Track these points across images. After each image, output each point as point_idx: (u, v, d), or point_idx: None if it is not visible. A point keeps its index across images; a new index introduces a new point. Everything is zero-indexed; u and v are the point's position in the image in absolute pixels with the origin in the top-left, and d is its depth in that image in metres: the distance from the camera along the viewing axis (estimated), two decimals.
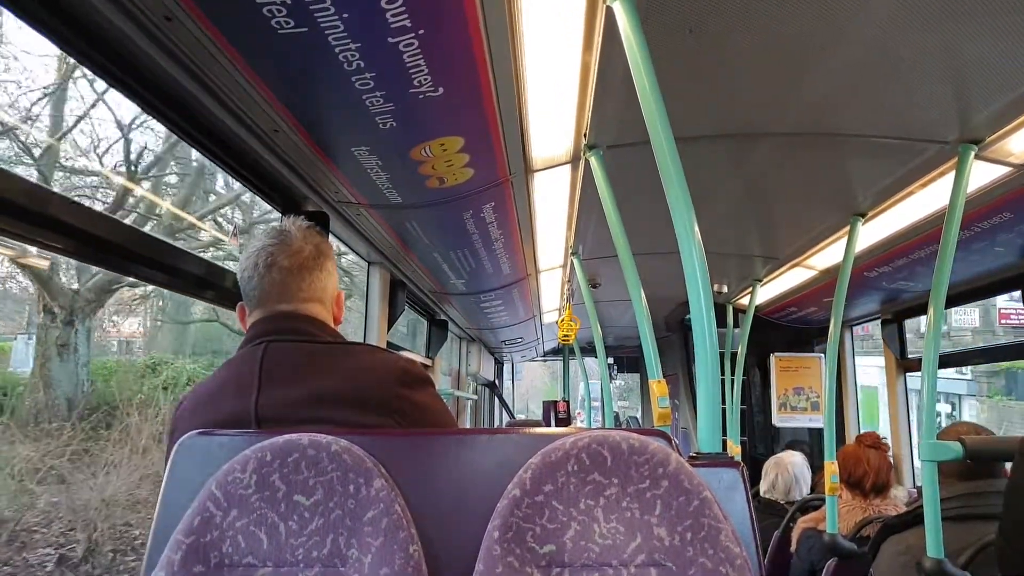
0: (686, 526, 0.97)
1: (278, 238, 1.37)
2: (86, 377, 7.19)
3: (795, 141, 2.20)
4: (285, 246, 1.36)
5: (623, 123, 1.96)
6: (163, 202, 8.11)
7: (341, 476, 1.02)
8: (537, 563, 0.97)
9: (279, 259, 1.35)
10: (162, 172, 8.56)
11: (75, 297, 7.03)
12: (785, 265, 3.80)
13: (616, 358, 9.20)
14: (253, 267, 1.35)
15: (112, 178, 7.51)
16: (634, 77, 1.43)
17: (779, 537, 3.10)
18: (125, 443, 6.11)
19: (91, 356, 7.41)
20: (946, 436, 1.93)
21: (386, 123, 1.65)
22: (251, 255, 1.36)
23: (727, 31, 1.59)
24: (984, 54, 1.61)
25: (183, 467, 1.13)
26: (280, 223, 1.43)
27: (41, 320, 6.99)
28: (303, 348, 1.29)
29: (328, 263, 1.42)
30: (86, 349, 7.24)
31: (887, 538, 2.02)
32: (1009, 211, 2.42)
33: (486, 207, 2.47)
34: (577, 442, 1.01)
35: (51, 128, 7.31)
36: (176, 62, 1.35)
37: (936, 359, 2.10)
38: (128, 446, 6.08)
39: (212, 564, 1.00)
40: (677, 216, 1.33)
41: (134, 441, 6.15)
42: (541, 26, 1.50)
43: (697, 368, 1.32)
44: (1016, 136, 1.97)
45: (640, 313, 2.03)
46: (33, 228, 1.23)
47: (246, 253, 1.39)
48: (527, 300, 4.65)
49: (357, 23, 1.26)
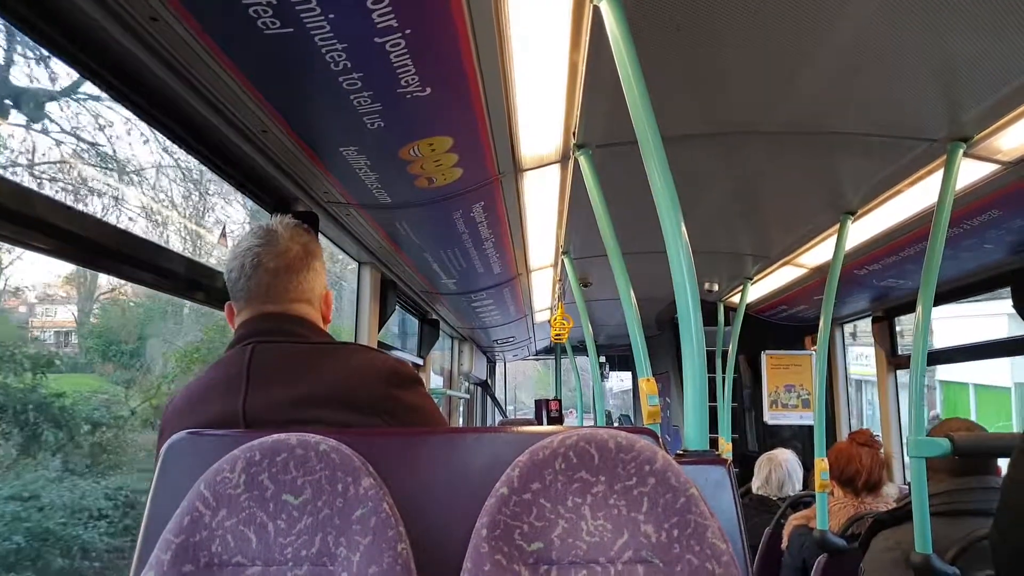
0: (673, 523, 0.97)
1: (264, 238, 1.37)
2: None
3: (784, 139, 2.21)
4: (271, 246, 1.36)
5: (612, 122, 1.97)
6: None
7: (329, 475, 1.02)
8: (525, 560, 0.97)
9: (265, 260, 1.34)
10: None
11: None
12: (775, 263, 3.81)
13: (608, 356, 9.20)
14: (240, 268, 1.35)
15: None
16: (621, 76, 1.44)
17: (770, 534, 3.11)
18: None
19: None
20: (936, 432, 1.94)
21: (374, 123, 1.65)
22: (237, 255, 1.36)
23: (715, 29, 1.59)
24: (972, 51, 1.62)
25: (172, 467, 1.13)
26: (267, 222, 1.43)
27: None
28: (290, 349, 1.28)
29: (316, 263, 1.41)
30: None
31: (877, 534, 2.03)
32: (997, 208, 2.43)
33: (476, 207, 2.47)
34: (565, 440, 1.02)
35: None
36: (162, 63, 1.34)
37: (925, 356, 2.11)
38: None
39: (202, 564, 1.00)
40: (664, 215, 1.34)
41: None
42: (528, 25, 1.50)
43: (684, 366, 1.33)
44: (1004, 133, 1.98)
45: (630, 312, 2.03)
46: (17, 229, 1.22)
47: (232, 253, 1.38)
48: (518, 299, 4.65)
49: (343, 23, 1.26)
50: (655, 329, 6.19)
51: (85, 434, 5.01)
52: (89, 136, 5.01)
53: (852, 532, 2.57)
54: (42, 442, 4.67)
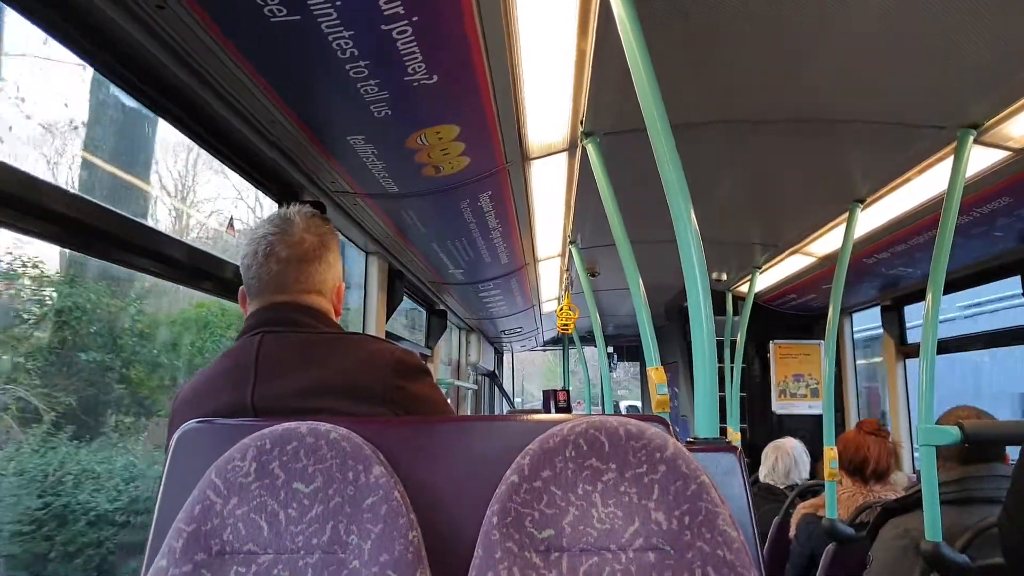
0: (684, 510, 0.97)
1: (279, 226, 1.36)
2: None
3: (793, 127, 2.19)
4: (286, 236, 1.35)
5: (620, 110, 1.96)
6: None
7: (340, 463, 1.02)
8: (536, 548, 0.97)
9: (278, 249, 1.33)
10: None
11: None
12: (784, 252, 3.80)
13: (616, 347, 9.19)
14: (253, 255, 1.34)
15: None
16: (630, 63, 1.43)
17: (779, 523, 3.10)
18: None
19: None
20: (946, 420, 1.93)
21: (381, 111, 1.64)
22: (252, 242, 1.35)
23: (724, 16, 1.58)
24: (982, 38, 1.60)
25: (183, 456, 1.14)
26: (284, 209, 1.42)
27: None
28: (299, 339, 1.28)
29: (330, 255, 1.40)
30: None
31: (886, 522, 2.02)
32: (1008, 196, 2.42)
33: (483, 196, 2.46)
34: (575, 428, 1.02)
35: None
36: (169, 51, 1.34)
37: (935, 345, 2.10)
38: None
39: (213, 552, 1.00)
40: (674, 204, 1.33)
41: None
42: (536, 12, 1.49)
43: (694, 355, 1.32)
44: (1015, 120, 1.96)
45: (639, 302, 2.02)
46: (24, 217, 1.22)
47: (248, 239, 1.37)
48: (526, 289, 4.65)
49: (350, 11, 1.25)
50: (664, 319, 6.18)
51: None
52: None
53: (861, 520, 2.56)
54: None
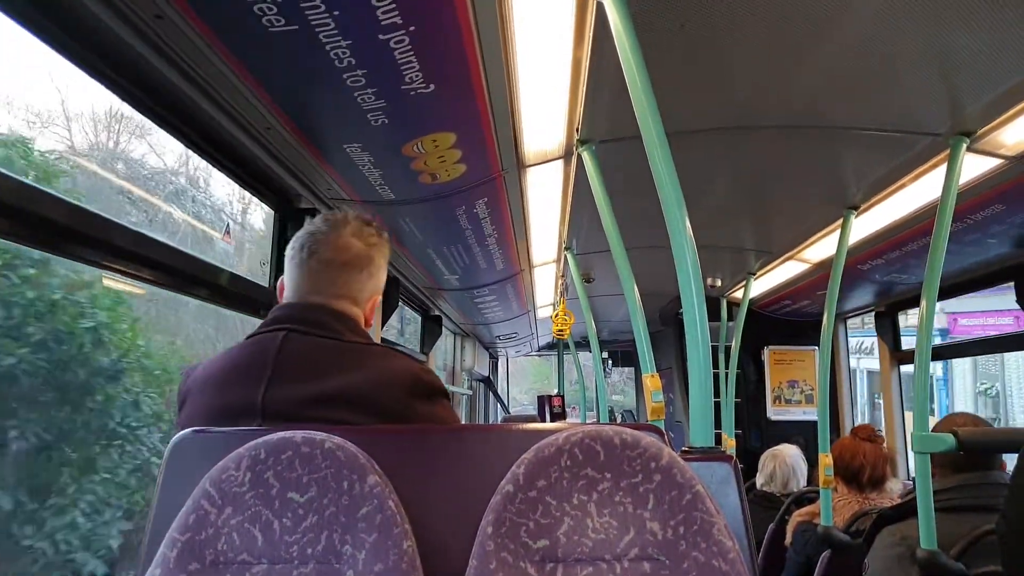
0: (679, 520, 0.97)
1: (327, 228, 1.34)
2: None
3: (787, 134, 2.20)
4: (332, 237, 1.33)
5: (615, 118, 1.96)
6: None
7: (335, 473, 1.02)
8: (531, 558, 0.97)
9: (321, 250, 1.31)
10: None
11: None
12: (778, 259, 3.81)
13: (611, 352, 9.19)
14: (298, 250, 1.32)
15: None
16: (625, 72, 1.43)
17: (774, 530, 3.10)
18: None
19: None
20: (941, 428, 1.94)
21: (378, 120, 1.64)
22: (300, 236, 1.34)
23: (718, 25, 1.59)
24: (975, 46, 1.61)
25: (178, 464, 1.13)
26: (341, 211, 1.39)
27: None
28: (321, 343, 1.25)
29: (373, 267, 1.37)
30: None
31: (881, 529, 2.02)
32: (1001, 203, 2.43)
33: (479, 203, 2.47)
34: (570, 437, 1.02)
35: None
36: (167, 60, 1.34)
37: (929, 351, 2.11)
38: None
39: (207, 561, 1.00)
40: (668, 210, 1.33)
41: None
42: (532, 21, 1.50)
43: (689, 361, 1.32)
44: (1008, 128, 1.97)
45: (633, 308, 2.03)
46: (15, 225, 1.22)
47: (300, 231, 1.36)
48: (521, 295, 4.65)
49: (347, 20, 1.25)
50: (658, 325, 6.18)
51: None
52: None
53: (856, 528, 2.56)
54: None
